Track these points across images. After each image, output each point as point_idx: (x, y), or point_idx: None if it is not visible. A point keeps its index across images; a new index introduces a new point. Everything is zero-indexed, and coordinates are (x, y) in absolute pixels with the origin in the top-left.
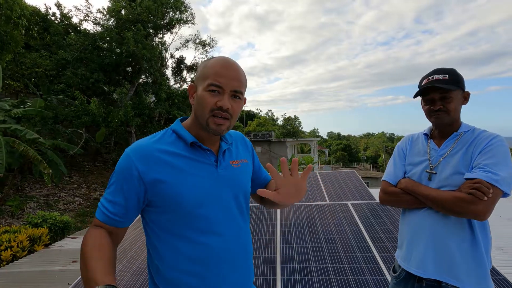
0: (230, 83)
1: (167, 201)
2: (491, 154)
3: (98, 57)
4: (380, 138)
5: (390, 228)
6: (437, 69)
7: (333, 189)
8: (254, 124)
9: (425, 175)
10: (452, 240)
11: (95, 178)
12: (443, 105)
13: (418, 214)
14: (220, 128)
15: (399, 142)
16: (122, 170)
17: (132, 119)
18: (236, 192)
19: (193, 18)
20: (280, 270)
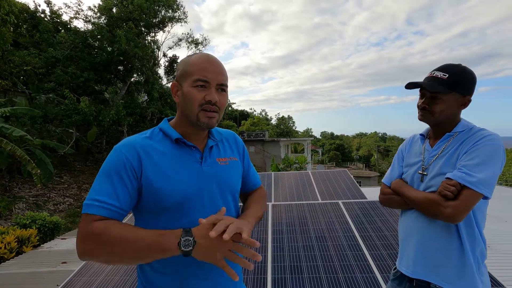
0: (216, 77)
1: (150, 198)
2: (474, 154)
3: (89, 56)
4: (372, 138)
5: (380, 226)
6: (443, 66)
7: (325, 188)
8: (248, 123)
9: (418, 176)
10: (438, 242)
11: (86, 178)
12: (429, 104)
13: (408, 215)
14: (212, 121)
15: (402, 144)
16: (113, 163)
17: (124, 118)
18: (222, 190)
19: (185, 16)
20: (271, 269)
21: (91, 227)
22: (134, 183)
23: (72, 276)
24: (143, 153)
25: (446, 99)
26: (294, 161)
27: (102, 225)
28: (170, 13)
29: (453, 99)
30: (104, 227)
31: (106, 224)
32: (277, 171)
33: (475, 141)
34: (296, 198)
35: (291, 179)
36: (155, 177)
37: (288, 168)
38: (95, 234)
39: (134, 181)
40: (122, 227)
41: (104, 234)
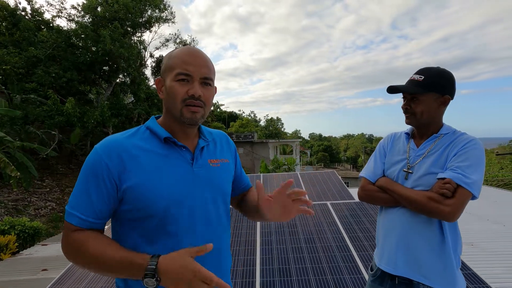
0: (198, 70)
1: (134, 204)
2: (465, 156)
3: (72, 55)
4: (359, 139)
5: (368, 227)
6: (421, 69)
7: (314, 190)
8: (236, 125)
9: (402, 174)
10: (421, 239)
11: (69, 182)
12: (410, 105)
13: (391, 212)
14: (195, 116)
15: (382, 140)
16: (90, 168)
17: (109, 119)
18: (214, 194)
19: (173, 17)
20: (259, 272)
21: (70, 238)
22: (112, 190)
23: (52, 284)
24: (125, 154)
25: (423, 99)
26: (283, 162)
27: (79, 237)
28: (157, 13)
29: (431, 99)
30: (81, 240)
31: (83, 237)
32: (267, 172)
33: (463, 144)
34: None
35: (280, 180)
36: (140, 179)
37: (277, 169)
38: (73, 246)
39: (112, 187)
40: (97, 244)
41: (81, 247)
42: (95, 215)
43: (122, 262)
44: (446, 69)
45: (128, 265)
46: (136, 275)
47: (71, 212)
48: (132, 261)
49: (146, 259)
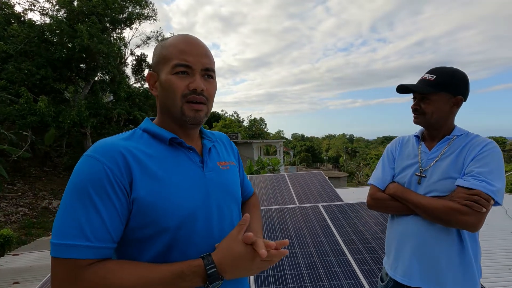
0: (199, 60)
1: (146, 217)
2: (485, 161)
3: (46, 51)
4: (341, 139)
5: (361, 229)
6: (433, 68)
7: (302, 191)
8: (219, 125)
9: (415, 179)
10: (438, 248)
11: (43, 185)
12: (420, 105)
13: (405, 220)
14: (199, 114)
15: (389, 145)
16: (89, 180)
17: (87, 119)
18: (227, 199)
19: (155, 14)
20: (253, 281)
21: (84, 278)
22: (123, 202)
23: None
24: (130, 157)
25: (434, 99)
26: (267, 163)
27: (99, 272)
28: (138, 10)
29: (443, 99)
30: (103, 276)
31: (104, 271)
32: (251, 173)
33: (481, 148)
34: (273, 202)
35: (267, 181)
36: (152, 188)
37: (262, 170)
38: (91, 286)
39: (124, 199)
40: (128, 271)
41: (104, 286)
42: (110, 239)
43: (173, 279)
44: (460, 69)
45: (180, 281)
46: (196, 284)
47: (74, 243)
48: (183, 273)
49: (200, 265)
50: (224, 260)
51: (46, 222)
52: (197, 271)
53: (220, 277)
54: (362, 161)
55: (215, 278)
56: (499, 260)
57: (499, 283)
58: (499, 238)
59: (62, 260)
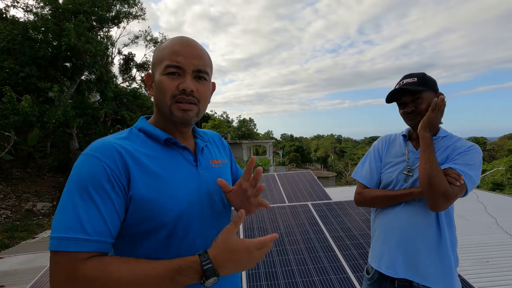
0: (191, 61)
1: (144, 213)
2: (467, 157)
3: (30, 49)
4: (329, 139)
5: (349, 226)
6: (407, 74)
7: (291, 190)
8: (208, 126)
9: (402, 177)
10: (420, 241)
11: (27, 187)
12: (415, 106)
13: (388, 215)
14: (187, 114)
15: (376, 142)
16: (88, 177)
17: (73, 119)
18: (221, 195)
19: (143, 13)
20: (245, 278)
21: (83, 271)
22: (121, 199)
23: None
24: (128, 156)
25: (426, 97)
26: (257, 163)
27: (98, 266)
28: (126, 8)
29: (431, 96)
30: (102, 269)
31: (103, 265)
32: None
33: (466, 148)
34: None
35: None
36: (149, 185)
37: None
38: (90, 280)
39: (122, 195)
40: (123, 265)
41: (102, 279)
42: (109, 234)
43: (171, 274)
44: None
45: (176, 275)
46: (193, 280)
47: (74, 236)
48: (180, 269)
49: (196, 261)
50: (220, 256)
51: (30, 225)
52: (194, 266)
53: (217, 273)
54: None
55: (211, 274)
56: (478, 254)
57: (477, 275)
58: (478, 233)
59: (61, 253)
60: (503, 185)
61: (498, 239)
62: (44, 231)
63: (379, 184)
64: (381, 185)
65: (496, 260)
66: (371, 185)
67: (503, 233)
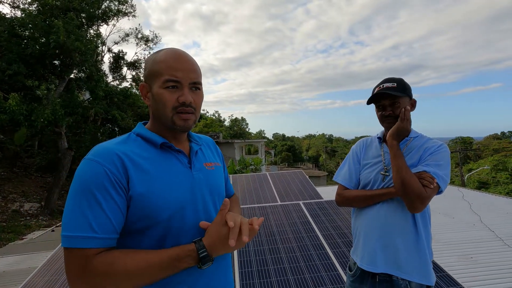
0: (187, 75)
1: (141, 212)
2: (437, 157)
3: (17, 46)
4: (320, 139)
5: (339, 224)
6: (387, 79)
7: (283, 189)
8: (200, 125)
9: (380, 177)
10: (398, 236)
11: (13, 187)
12: (392, 110)
13: (368, 214)
14: (188, 123)
15: (354, 146)
16: (90, 180)
17: (62, 118)
18: (213, 196)
19: (133, 10)
20: (238, 275)
21: (93, 265)
22: (123, 198)
23: None
24: (126, 159)
25: (402, 102)
26: (250, 162)
27: (106, 259)
28: (116, 5)
29: (407, 102)
30: (110, 262)
31: (111, 258)
32: (234, 172)
33: (436, 148)
34: (256, 200)
35: (249, 181)
36: (146, 186)
37: (244, 169)
38: (100, 272)
39: (123, 195)
40: (131, 256)
41: (111, 271)
42: (114, 229)
43: (171, 261)
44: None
45: (176, 263)
46: (190, 265)
47: (85, 235)
48: (178, 256)
49: (193, 249)
50: (213, 243)
51: (17, 226)
52: (191, 254)
53: (211, 258)
54: (341, 160)
55: (207, 260)
56: (463, 250)
57: (462, 271)
58: (463, 230)
59: (73, 250)
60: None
61: (481, 236)
62: (32, 232)
63: (358, 185)
64: (360, 186)
65: (479, 256)
66: (350, 186)
67: (486, 230)
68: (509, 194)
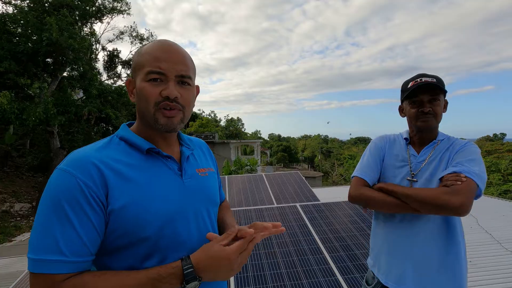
0: (173, 67)
1: (125, 227)
2: (465, 153)
3: (8, 43)
4: (316, 139)
5: (337, 228)
6: (423, 74)
7: (279, 191)
8: (196, 125)
9: (406, 183)
10: (430, 252)
11: (3, 187)
12: (432, 107)
13: (395, 226)
14: (172, 121)
15: (377, 140)
16: (62, 194)
17: (55, 117)
18: (206, 204)
19: (128, 8)
20: (233, 281)
21: None
22: (99, 215)
23: None
24: (105, 168)
25: (441, 100)
26: (245, 163)
27: (76, 285)
28: (110, 2)
29: (443, 101)
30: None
31: (81, 284)
32: (229, 173)
33: (462, 145)
34: (252, 202)
35: (245, 182)
36: (129, 197)
37: (240, 170)
38: None
39: (100, 211)
40: (101, 281)
41: None
42: (87, 251)
43: (150, 282)
44: None
45: (157, 282)
46: (174, 285)
47: (51, 258)
48: (159, 276)
49: (177, 266)
50: (201, 260)
51: (6, 227)
52: (175, 272)
53: (198, 278)
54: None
55: (192, 278)
56: None
57: None
58: None
59: (40, 275)
60: None
61: (479, 239)
62: (22, 233)
63: (378, 181)
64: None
65: (477, 260)
66: (371, 181)
67: (483, 233)
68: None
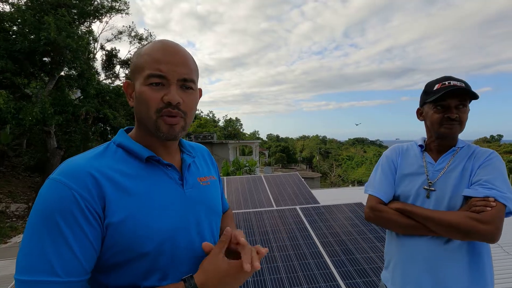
0: (175, 70)
1: (123, 242)
2: (491, 169)
3: (5, 42)
4: (314, 140)
5: (338, 231)
6: (450, 76)
7: (279, 193)
8: (194, 125)
9: (423, 192)
10: (450, 268)
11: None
12: (459, 114)
13: (412, 240)
14: (174, 129)
15: (388, 152)
16: (55, 207)
17: (52, 117)
18: (209, 215)
19: (127, 7)
20: None
21: None
22: (96, 229)
23: None
24: (102, 178)
25: (468, 107)
26: (244, 164)
27: None
28: (109, 2)
29: (468, 108)
30: None
31: None
32: (227, 174)
33: (486, 157)
34: (251, 204)
35: (244, 183)
36: (128, 210)
37: (238, 171)
38: None
39: (97, 225)
40: None
41: None
42: (83, 270)
43: None
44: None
45: None
46: None
47: (43, 279)
48: None
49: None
50: (211, 282)
51: (2, 228)
52: None
53: None
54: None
55: None
56: None
57: None
58: None
59: None
60: None
61: None
62: (18, 235)
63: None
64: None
65: None
66: (387, 198)
67: None
68: None
